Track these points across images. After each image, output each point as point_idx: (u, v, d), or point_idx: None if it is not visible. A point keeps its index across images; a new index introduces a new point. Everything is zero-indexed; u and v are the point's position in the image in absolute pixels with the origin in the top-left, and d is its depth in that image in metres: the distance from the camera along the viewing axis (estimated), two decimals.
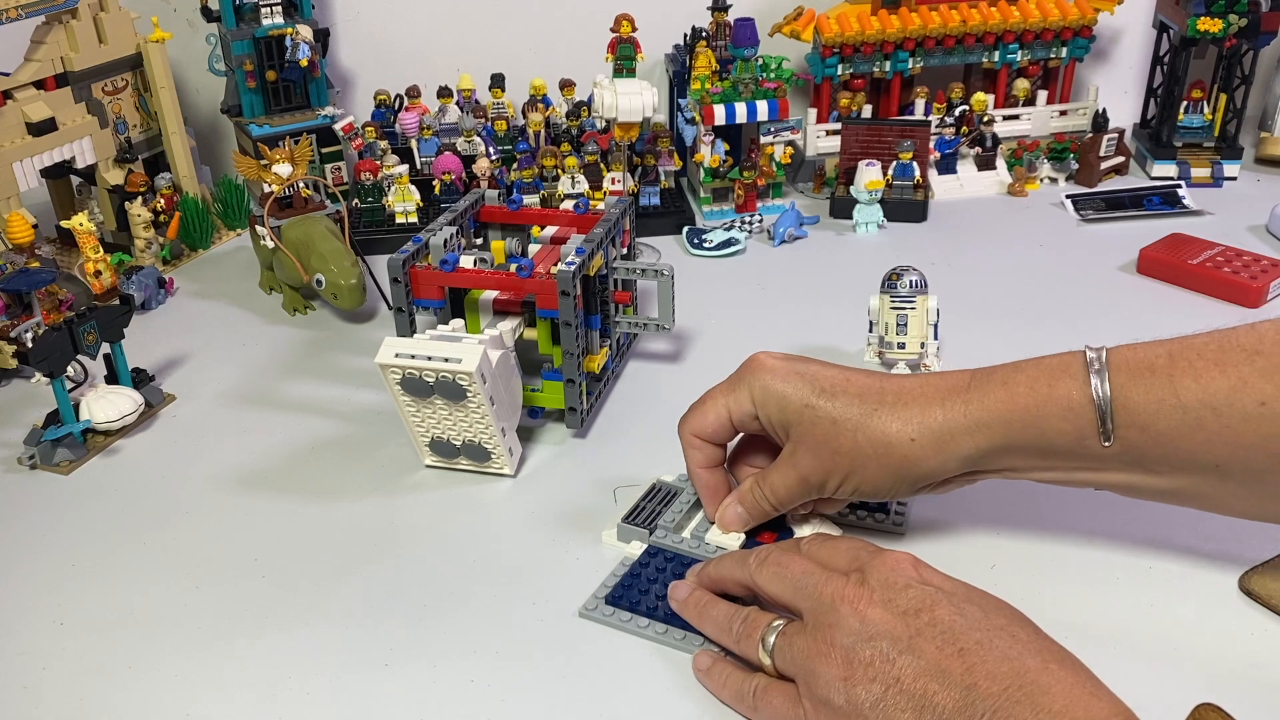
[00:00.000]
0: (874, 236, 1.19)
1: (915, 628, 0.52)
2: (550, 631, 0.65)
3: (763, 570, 0.60)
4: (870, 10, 1.28)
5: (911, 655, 0.51)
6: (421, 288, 0.83)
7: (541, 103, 1.25)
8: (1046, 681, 0.49)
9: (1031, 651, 0.51)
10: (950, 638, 0.51)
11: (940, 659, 0.51)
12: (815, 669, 0.53)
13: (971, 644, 0.51)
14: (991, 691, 0.49)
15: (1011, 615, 0.54)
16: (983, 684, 0.49)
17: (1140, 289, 1.05)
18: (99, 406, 0.85)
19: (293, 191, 1.05)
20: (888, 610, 0.53)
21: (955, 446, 0.62)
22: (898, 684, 0.51)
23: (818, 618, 0.55)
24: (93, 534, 0.76)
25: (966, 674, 0.50)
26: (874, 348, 0.92)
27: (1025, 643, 0.51)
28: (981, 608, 0.53)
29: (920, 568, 0.56)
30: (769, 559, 0.60)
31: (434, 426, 0.77)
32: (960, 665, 0.50)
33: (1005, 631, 0.52)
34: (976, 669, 0.50)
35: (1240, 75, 1.28)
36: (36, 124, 1.07)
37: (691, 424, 0.70)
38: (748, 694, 0.58)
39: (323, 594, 0.69)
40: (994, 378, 0.62)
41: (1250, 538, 0.69)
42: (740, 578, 0.62)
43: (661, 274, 0.87)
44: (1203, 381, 0.57)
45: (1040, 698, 0.48)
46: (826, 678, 0.53)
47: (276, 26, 1.20)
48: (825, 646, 0.53)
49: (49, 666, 0.64)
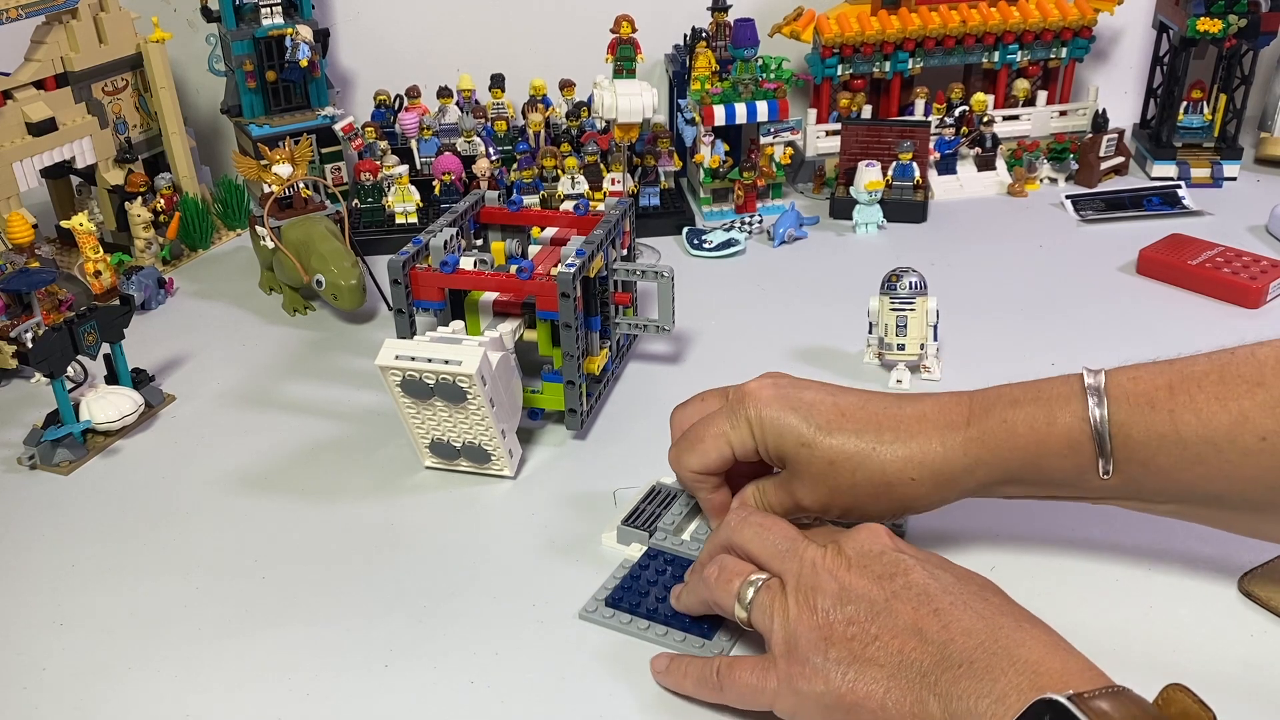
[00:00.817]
0: (874, 237, 1.19)
1: (891, 590, 0.53)
2: (550, 633, 0.65)
3: (744, 529, 0.60)
4: (870, 10, 1.28)
5: (889, 616, 0.53)
6: (421, 289, 0.83)
7: (541, 103, 1.25)
8: (1020, 637, 0.50)
9: (1004, 612, 0.52)
10: (925, 599, 0.53)
11: (916, 619, 0.52)
12: (797, 631, 0.54)
13: (946, 604, 0.52)
14: (967, 646, 0.50)
15: (983, 582, 0.55)
16: (959, 640, 0.50)
17: (1140, 289, 1.05)
18: (99, 407, 0.86)
19: (293, 192, 1.05)
20: (864, 575, 0.55)
21: (955, 484, 0.63)
22: (876, 642, 0.52)
23: (799, 580, 0.56)
24: (93, 534, 0.76)
25: (942, 630, 0.51)
26: (874, 349, 0.92)
27: (998, 605, 0.53)
28: (954, 573, 0.55)
29: (894, 538, 0.57)
30: (750, 519, 0.61)
31: (434, 428, 0.77)
32: (936, 623, 0.51)
33: (978, 595, 0.53)
34: (952, 626, 0.51)
35: (1240, 75, 1.28)
36: (36, 124, 1.07)
37: (693, 462, 0.68)
38: (711, 676, 0.58)
39: (323, 594, 0.69)
40: (992, 414, 0.62)
41: (1249, 540, 0.69)
42: (720, 539, 0.62)
43: (661, 275, 0.87)
44: (1203, 416, 0.56)
45: (1016, 650, 0.49)
46: (808, 638, 0.54)
47: (276, 27, 1.20)
48: (806, 611, 0.54)
49: (49, 666, 0.64)
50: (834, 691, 0.52)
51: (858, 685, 0.52)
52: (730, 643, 0.63)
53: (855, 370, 0.92)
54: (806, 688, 0.53)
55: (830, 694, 0.52)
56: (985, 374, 0.90)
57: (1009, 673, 0.48)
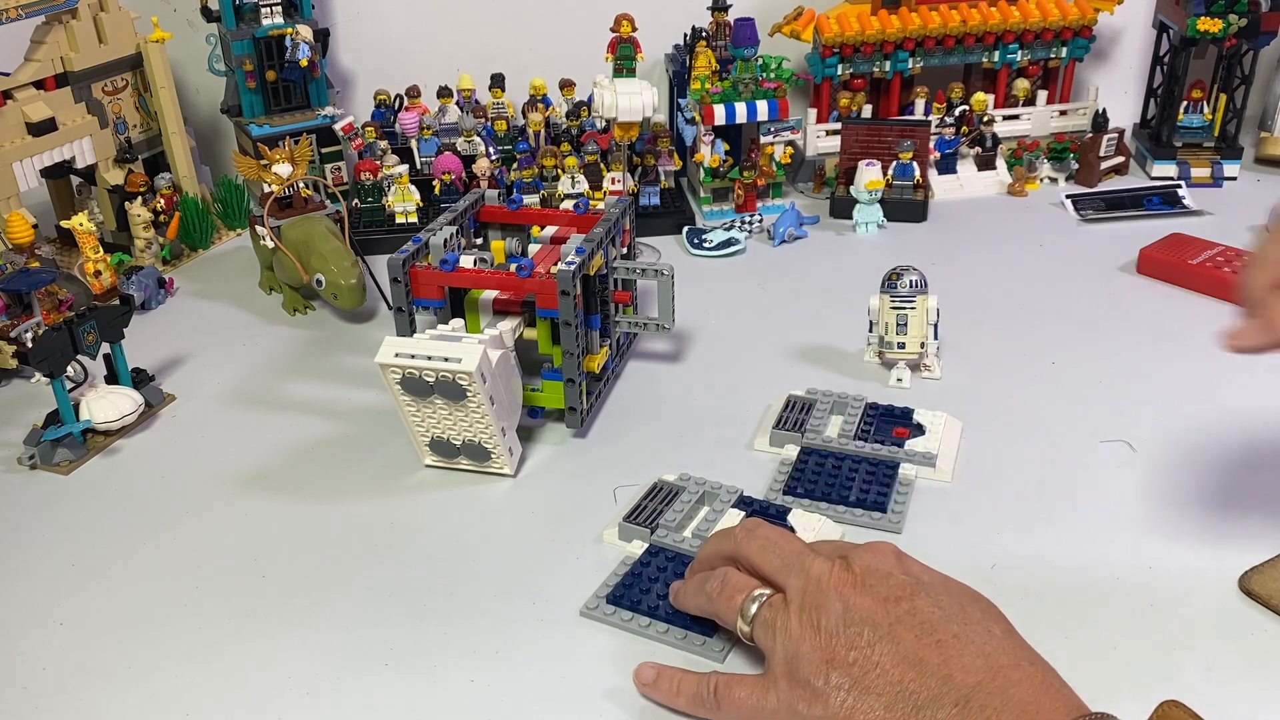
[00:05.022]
0: (874, 236, 1.19)
1: (895, 615, 0.53)
2: (550, 631, 0.65)
3: (750, 541, 0.60)
4: (870, 10, 1.28)
5: (891, 642, 0.52)
6: (421, 287, 0.83)
7: (541, 103, 1.25)
8: (1017, 677, 0.51)
9: (1005, 649, 0.52)
10: (928, 629, 0.53)
11: (918, 648, 0.52)
12: (799, 651, 0.54)
13: (949, 636, 0.52)
14: (966, 684, 0.50)
15: (986, 609, 0.55)
16: (958, 676, 0.51)
17: (1140, 289, 1.05)
18: (99, 406, 0.85)
19: (293, 191, 1.05)
20: (869, 596, 0.54)
21: None
22: (877, 668, 0.52)
23: (804, 598, 0.55)
24: (93, 534, 0.76)
25: (943, 665, 0.51)
26: (874, 347, 0.92)
27: (1000, 640, 0.53)
28: (959, 601, 0.55)
29: (902, 558, 0.57)
30: (757, 531, 0.61)
31: (434, 426, 0.77)
32: (937, 656, 0.51)
33: (981, 626, 0.53)
34: (953, 661, 0.51)
35: (1240, 75, 1.28)
36: (36, 124, 1.07)
37: None
38: (707, 695, 0.57)
39: (322, 594, 0.69)
40: None
41: (1250, 538, 0.69)
42: (725, 550, 0.62)
43: (661, 274, 0.87)
44: None
45: (1010, 690, 0.50)
46: (810, 660, 0.53)
47: (276, 26, 1.20)
48: (810, 630, 0.54)
49: (49, 666, 0.64)
50: (832, 716, 0.52)
51: (855, 713, 0.52)
52: (730, 643, 0.63)
53: (856, 369, 0.92)
54: (806, 711, 0.53)
55: (828, 718, 0.52)
56: (985, 373, 0.91)
57: (1003, 713, 0.49)
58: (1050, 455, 0.79)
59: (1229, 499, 0.74)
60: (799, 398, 0.86)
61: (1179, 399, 0.86)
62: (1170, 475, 0.77)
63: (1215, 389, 0.87)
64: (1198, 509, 0.73)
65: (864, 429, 0.81)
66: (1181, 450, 0.79)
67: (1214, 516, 0.72)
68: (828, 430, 0.82)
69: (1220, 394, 0.86)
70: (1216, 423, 0.82)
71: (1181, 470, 0.77)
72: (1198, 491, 0.75)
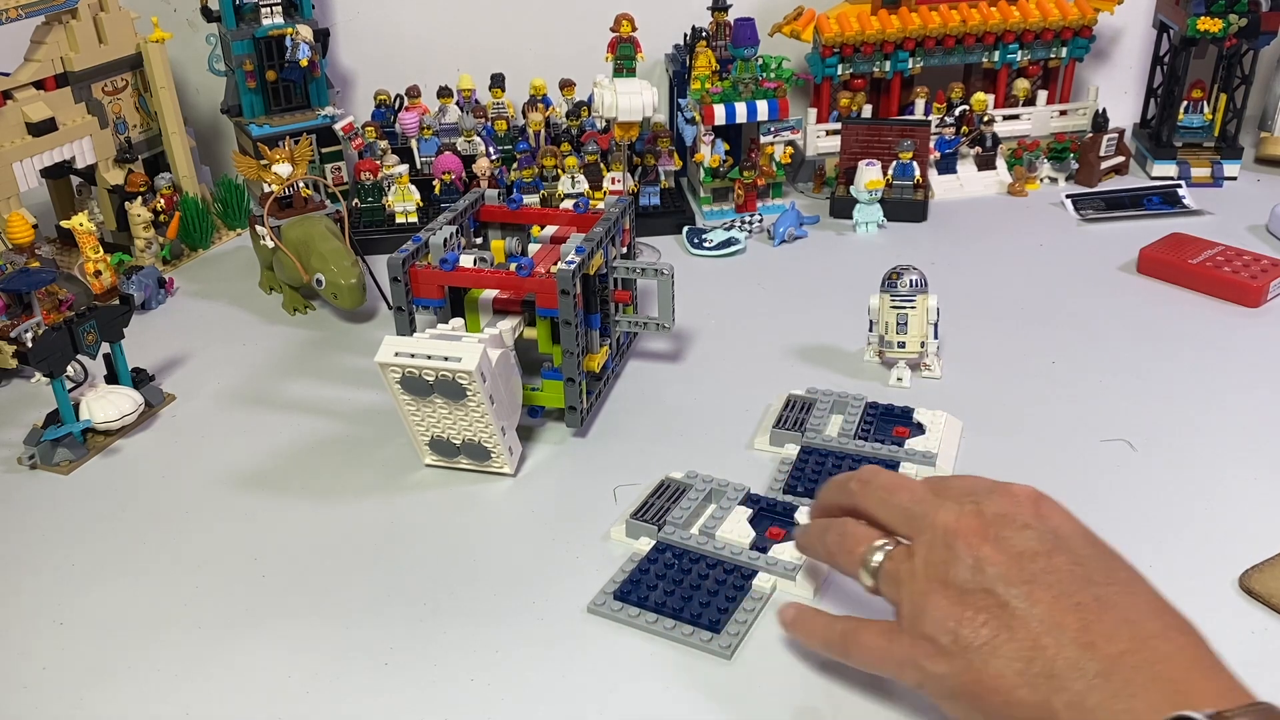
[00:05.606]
0: (874, 236, 1.19)
1: (1030, 573, 0.49)
2: (550, 630, 0.65)
3: (867, 493, 0.57)
4: (870, 10, 1.28)
5: (1027, 603, 0.48)
6: (421, 287, 0.83)
7: (541, 103, 1.25)
8: (1166, 650, 0.46)
9: (1152, 614, 0.48)
10: (1067, 590, 0.48)
11: (1055, 611, 0.48)
12: (924, 605, 0.51)
13: (1090, 599, 0.48)
14: (1108, 654, 0.46)
15: (1132, 573, 0.50)
16: (1100, 644, 0.46)
17: (1140, 289, 1.05)
18: (99, 406, 0.85)
19: (293, 191, 1.05)
20: (1002, 550, 0.50)
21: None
22: (1009, 631, 0.48)
23: (930, 551, 0.52)
24: (93, 534, 0.76)
25: (1083, 632, 0.47)
26: (874, 347, 0.92)
27: (1146, 604, 0.48)
28: (1104, 560, 0.50)
29: (1040, 505, 0.52)
30: (873, 481, 0.57)
31: (434, 425, 0.77)
32: (1076, 621, 0.47)
33: (1126, 589, 0.49)
34: (1093, 627, 0.47)
35: (1240, 75, 1.28)
36: (36, 124, 1.07)
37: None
38: (835, 639, 0.56)
39: (323, 593, 0.69)
40: None
41: (1250, 537, 0.69)
42: (841, 501, 0.59)
43: (661, 273, 0.87)
44: None
45: (1158, 665, 0.45)
46: (935, 616, 0.50)
47: (276, 26, 1.20)
48: (937, 584, 0.51)
49: (49, 666, 0.64)
50: (958, 675, 0.49)
51: (984, 675, 0.48)
52: (736, 639, 0.63)
53: (856, 368, 0.92)
54: (930, 667, 0.50)
55: (954, 677, 0.49)
56: (985, 373, 0.91)
57: (1150, 690, 0.44)
58: (1050, 455, 0.79)
59: (1229, 499, 0.74)
60: (799, 397, 0.86)
61: (1179, 399, 0.86)
62: (1170, 475, 0.77)
63: (1215, 389, 0.87)
64: (1198, 509, 0.73)
65: (864, 428, 0.82)
66: (1181, 450, 0.79)
67: (1214, 516, 0.72)
68: (828, 429, 0.82)
69: (1220, 394, 0.86)
70: (1216, 423, 0.82)
71: (1181, 470, 0.77)
72: (1198, 491, 0.75)
